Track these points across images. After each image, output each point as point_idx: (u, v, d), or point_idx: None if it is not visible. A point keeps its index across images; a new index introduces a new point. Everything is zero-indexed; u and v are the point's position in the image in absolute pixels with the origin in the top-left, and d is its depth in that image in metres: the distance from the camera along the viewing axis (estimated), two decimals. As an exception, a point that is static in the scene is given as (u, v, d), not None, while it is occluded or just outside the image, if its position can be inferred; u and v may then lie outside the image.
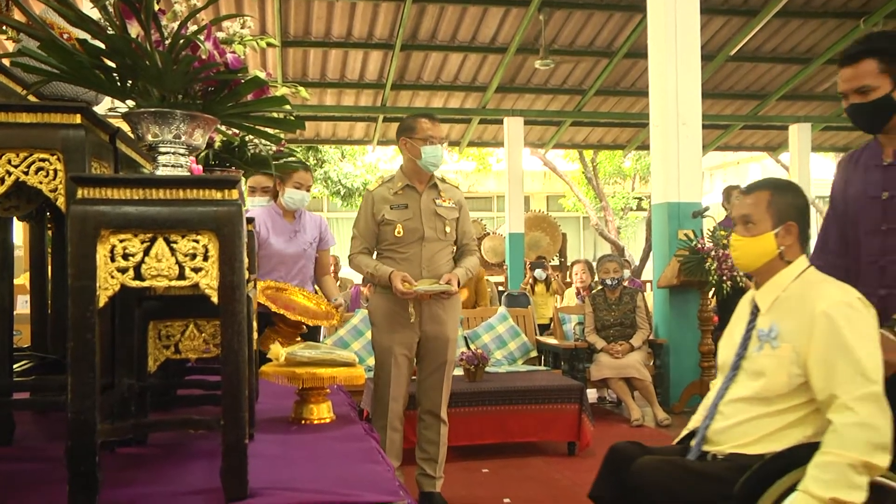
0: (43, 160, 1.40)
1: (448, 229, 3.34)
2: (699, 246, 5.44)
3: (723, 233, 5.57)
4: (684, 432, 2.11)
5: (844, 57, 2.14)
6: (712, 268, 5.35)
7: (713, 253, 5.38)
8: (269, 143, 2.37)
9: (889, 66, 2.07)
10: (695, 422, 2.10)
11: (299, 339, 2.60)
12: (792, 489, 1.75)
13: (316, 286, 4.06)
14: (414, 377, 3.46)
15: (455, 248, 3.46)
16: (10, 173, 1.39)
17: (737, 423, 1.94)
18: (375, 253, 3.40)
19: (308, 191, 3.88)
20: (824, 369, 1.80)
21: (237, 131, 2.26)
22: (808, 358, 1.84)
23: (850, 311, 1.84)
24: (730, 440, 1.94)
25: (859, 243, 2.21)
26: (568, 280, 8.07)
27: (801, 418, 1.89)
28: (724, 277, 5.31)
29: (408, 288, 3.15)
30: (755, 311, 2.03)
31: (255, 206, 3.96)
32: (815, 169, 12.78)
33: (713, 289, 5.47)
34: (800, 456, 1.80)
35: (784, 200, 2.01)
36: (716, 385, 2.08)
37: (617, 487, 1.99)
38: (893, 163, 2.13)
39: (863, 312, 1.86)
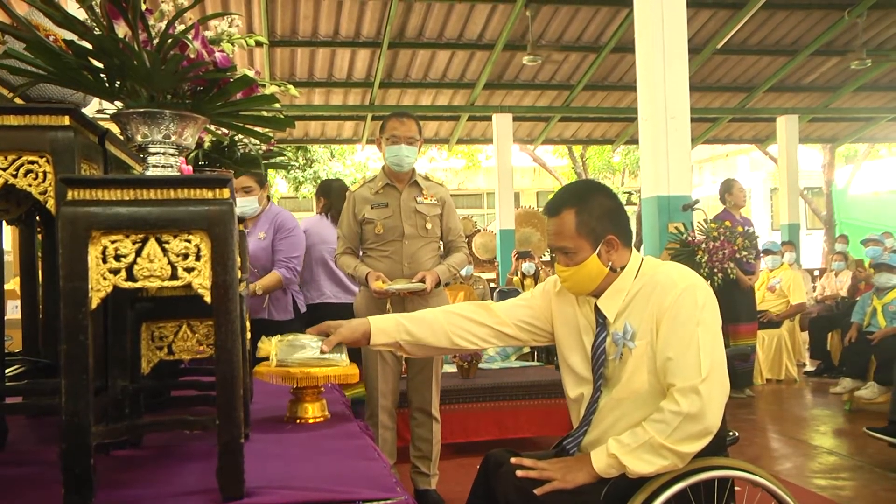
0: (32, 163, 1.39)
1: (429, 226, 3.36)
2: (689, 239, 5.47)
3: (713, 225, 5.60)
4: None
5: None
6: (703, 260, 5.37)
7: (703, 245, 5.41)
8: (258, 142, 2.37)
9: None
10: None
11: None
12: (657, 495, 1.70)
13: None
14: (405, 376, 3.47)
15: (441, 244, 3.47)
16: (-2, 176, 1.38)
17: (609, 431, 1.84)
18: (361, 252, 3.43)
19: None
20: (667, 363, 1.76)
21: (227, 131, 2.26)
22: (657, 350, 1.80)
23: (698, 294, 1.80)
24: None
25: None
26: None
27: None
28: (716, 270, 5.34)
29: (380, 287, 3.17)
30: (601, 319, 1.90)
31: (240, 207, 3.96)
32: (802, 160, 12.87)
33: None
34: None
35: (591, 216, 1.85)
36: (583, 397, 1.96)
37: (490, 497, 1.90)
38: None
39: (708, 293, 1.83)
